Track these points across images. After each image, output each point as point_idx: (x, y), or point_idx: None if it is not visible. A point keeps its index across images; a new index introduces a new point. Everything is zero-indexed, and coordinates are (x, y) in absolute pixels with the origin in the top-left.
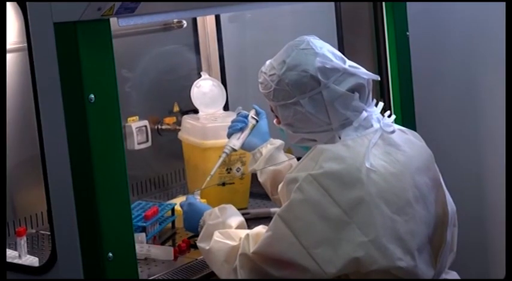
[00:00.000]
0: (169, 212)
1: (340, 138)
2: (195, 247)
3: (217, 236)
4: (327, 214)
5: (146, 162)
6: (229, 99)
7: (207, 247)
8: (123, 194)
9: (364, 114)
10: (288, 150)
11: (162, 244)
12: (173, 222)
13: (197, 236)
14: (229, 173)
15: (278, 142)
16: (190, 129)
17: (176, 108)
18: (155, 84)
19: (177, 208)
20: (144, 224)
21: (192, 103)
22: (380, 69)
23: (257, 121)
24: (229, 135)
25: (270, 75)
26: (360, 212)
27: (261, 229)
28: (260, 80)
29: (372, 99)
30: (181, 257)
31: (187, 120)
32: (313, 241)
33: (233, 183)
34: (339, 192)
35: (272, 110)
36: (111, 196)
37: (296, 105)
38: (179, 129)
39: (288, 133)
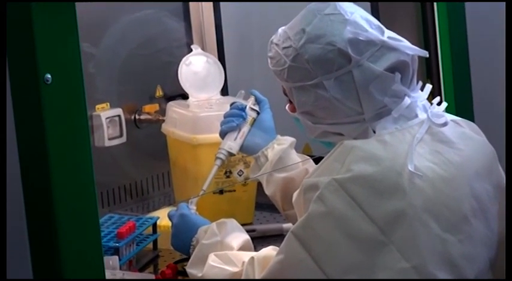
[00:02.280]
0: (150, 228)
1: (374, 132)
2: (185, 274)
3: (213, 260)
4: (357, 232)
5: (120, 163)
6: (229, 81)
7: (200, 274)
8: (89, 205)
9: (407, 101)
10: (305, 148)
11: (141, 270)
12: (155, 242)
13: (187, 259)
14: (228, 177)
15: (288, 141)
16: (177, 120)
17: (159, 93)
18: (131, 62)
19: (161, 222)
20: (117, 244)
21: (180, 86)
22: (426, 42)
23: (258, 113)
24: (222, 135)
25: (284, 48)
26: (400, 230)
27: (270, 251)
28: (270, 54)
29: (417, 82)
30: None
31: (174, 108)
32: (338, 267)
33: (234, 190)
34: (373, 203)
35: (285, 93)
36: (72, 208)
37: (318, 88)
38: (163, 120)
39: (305, 124)
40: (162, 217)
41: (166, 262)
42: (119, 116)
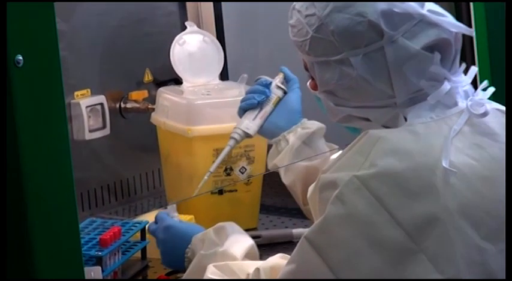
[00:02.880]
0: (138, 234)
1: (406, 119)
2: None
3: (212, 272)
4: (382, 239)
5: (103, 159)
6: (229, 63)
7: None
8: (67, 208)
9: (447, 86)
10: None
11: None
12: (144, 250)
13: (182, 272)
14: (229, 175)
15: (315, 125)
16: (169, 109)
17: (148, 78)
18: (116, 42)
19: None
20: (100, 253)
21: (172, 69)
22: (459, 17)
23: (285, 93)
24: (241, 113)
25: (307, 15)
26: (432, 237)
27: (278, 259)
28: (291, 22)
29: (460, 65)
30: None
31: (165, 95)
32: (360, 279)
33: (235, 190)
34: (401, 205)
35: (306, 68)
36: (47, 212)
37: (343, 65)
38: (153, 109)
39: (327, 105)
40: (153, 220)
41: (157, 273)
42: (101, 104)
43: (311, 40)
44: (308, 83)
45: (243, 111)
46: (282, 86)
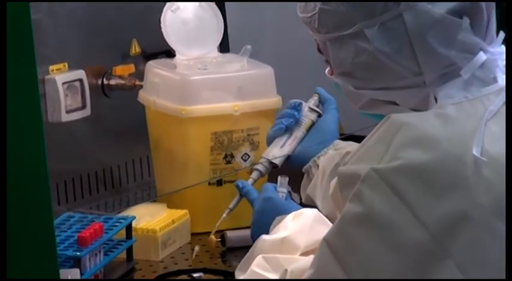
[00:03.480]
0: (123, 232)
1: (436, 101)
2: None
3: (257, 264)
4: (404, 242)
5: (82, 145)
6: (230, 32)
7: (240, 274)
8: (41, 201)
9: (482, 56)
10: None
11: None
12: (130, 250)
13: (174, 273)
14: (229, 163)
15: (350, 145)
16: (160, 86)
17: (135, 50)
18: (99, 8)
19: (138, 224)
20: (78, 253)
21: (164, 40)
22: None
23: (319, 116)
24: (269, 142)
25: None
26: (461, 239)
27: (308, 261)
28: None
29: (498, 34)
30: None
31: (156, 70)
32: None
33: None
34: (426, 203)
35: (319, 50)
36: (17, 205)
37: (358, 39)
38: (141, 86)
39: (346, 91)
40: (140, 216)
41: (145, 277)
42: (80, 80)
43: (320, 14)
44: (326, 71)
45: (271, 139)
46: (316, 109)
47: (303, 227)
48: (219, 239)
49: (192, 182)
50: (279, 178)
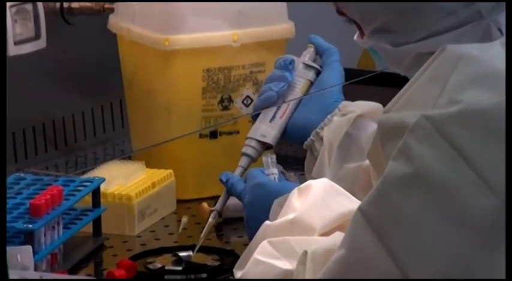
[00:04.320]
0: (89, 198)
1: (501, 32)
2: (152, 276)
3: (261, 251)
4: (465, 210)
5: (36, 86)
6: None
7: (239, 274)
8: None
9: None
10: (361, 60)
11: (72, 271)
12: (97, 222)
13: (154, 252)
14: (226, 109)
15: (360, 107)
16: (137, 10)
17: None
18: None
19: (108, 189)
20: (31, 225)
21: None
22: None
23: (318, 73)
24: (255, 113)
25: None
26: None
27: (337, 238)
28: None
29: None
30: None
31: None
32: (426, 269)
33: (236, 132)
34: (495, 160)
35: (339, 12)
36: None
37: None
38: (112, 10)
39: (384, 52)
40: (111, 178)
41: (117, 256)
42: (33, 2)
43: None
44: (355, 36)
45: (257, 109)
46: (313, 64)
47: (314, 203)
48: (214, 208)
49: (178, 133)
50: (263, 158)
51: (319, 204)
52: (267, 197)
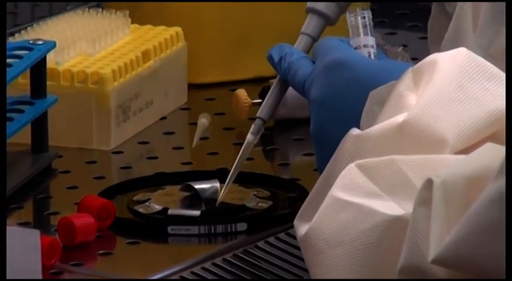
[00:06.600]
0: (27, 79)
1: None
2: (154, 226)
3: (347, 181)
4: None
5: None
6: None
7: (304, 227)
8: None
9: None
10: None
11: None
12: (41, 125)
13: (143, 182)
14: None
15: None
16: None
17: None
18: None
19: (60, 63)
20: None
21: None
22: None
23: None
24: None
25: None
26: None
27: (483, 160)
28: None
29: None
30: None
31: None
32: None
33: None
34: None
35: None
36: None
37: None
38: None
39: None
40: (69, 41)
41: (77, 190)
42: None
43: None
44: None
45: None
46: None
47: (442, 95)
48: (257, 101)
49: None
50: (348, 17)
51: (453, 97)
52: (355, 86)
